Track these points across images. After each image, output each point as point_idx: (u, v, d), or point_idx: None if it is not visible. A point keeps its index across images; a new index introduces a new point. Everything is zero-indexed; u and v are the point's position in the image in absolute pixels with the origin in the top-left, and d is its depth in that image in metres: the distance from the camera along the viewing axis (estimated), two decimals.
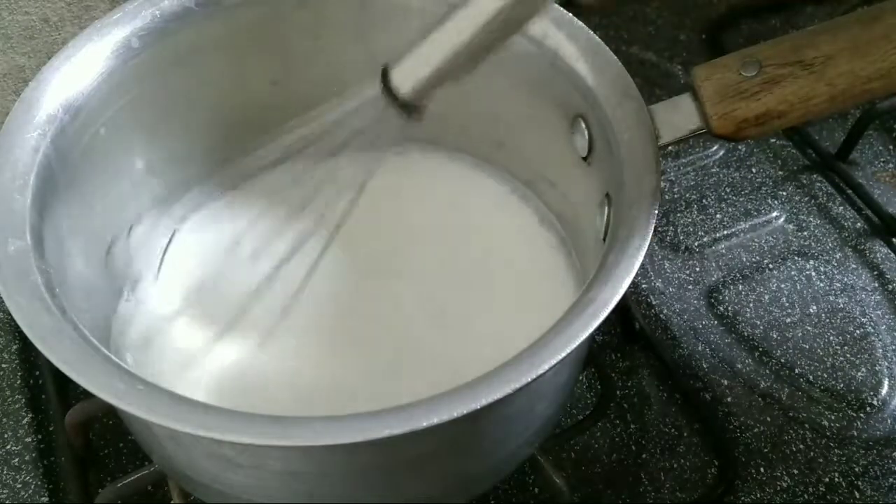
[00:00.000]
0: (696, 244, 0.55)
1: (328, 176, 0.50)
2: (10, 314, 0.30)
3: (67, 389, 0.47)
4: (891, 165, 0.60)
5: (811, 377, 0.49)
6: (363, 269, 0.46)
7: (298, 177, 0.50)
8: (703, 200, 0.58)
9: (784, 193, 0.58)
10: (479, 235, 0.47)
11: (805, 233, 0.56)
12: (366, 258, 0.46)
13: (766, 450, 0.46)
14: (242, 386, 0.41)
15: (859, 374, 0.49)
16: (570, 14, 0.40)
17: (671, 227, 0.56)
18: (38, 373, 0.48)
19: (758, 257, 0.55)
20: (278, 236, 0.47)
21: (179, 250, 0.46)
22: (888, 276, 0.53)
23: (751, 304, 0.52)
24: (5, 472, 0.44)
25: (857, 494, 0.44)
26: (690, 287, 0.53)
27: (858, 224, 0.56)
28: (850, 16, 0.35)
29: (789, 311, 0.52)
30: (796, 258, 0.54)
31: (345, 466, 0.33)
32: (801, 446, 0.46)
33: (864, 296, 0.53)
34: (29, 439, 0.46)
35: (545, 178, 0.47)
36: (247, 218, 0.48)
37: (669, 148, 0.37)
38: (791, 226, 0.56)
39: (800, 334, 0.51)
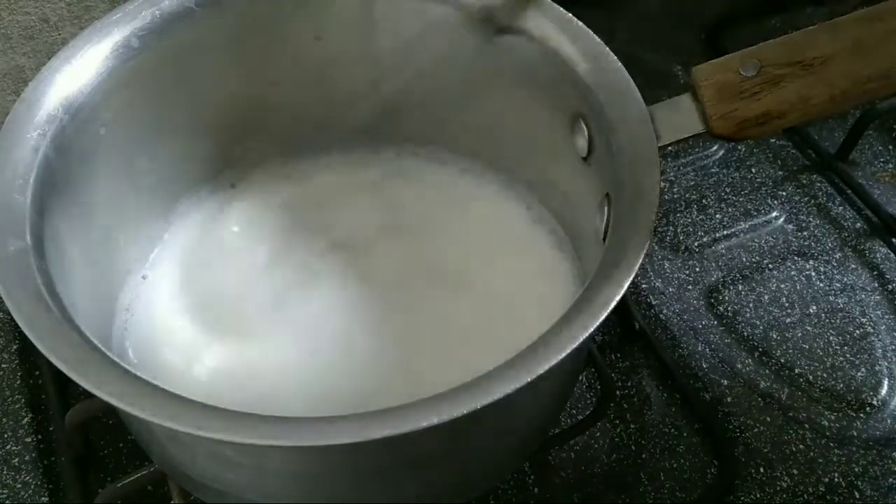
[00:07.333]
0: (696, 244, 0.55)
1: (326, 176, 0.50)
2: (10, 314, 0.30)
3: (67, 389, 0.47)
4: (891, 165, 0.60)
5: (811, 377, 0.49)
6: (362, 269, 0.46)
7: (297, 176, 0.50)
8: (703, 200, 0.58)
9: (784, 193, 0.58)
10: (479, 236, 0.47)
11: (805, 233, 0.56)
12: (363, 258, 0.46)
13: (766, 450, 0.46)
14: (242, 386, 0.41)
15: (859, 374, 0.49)
16: (571, 14, 0.40)
17: (671, 227, 0.56)
18: (38, 373, 0.48)
19: (758, 257, 0.55)
20: (278, 236, 0.47)
21: (180, 250, 0.46)
22: (888, 276, 0.53)
23: (751, 304, 0.52)
24: (5, 472, 0.44)
25: (857, 494, 0.44)
26: (690, 287, 0.53)
27: (858, 224, 0.56)
28: (850, 16, 0.35)
29: (789, 311, 0.52)
30: (796, 258, 0.54)
31: (345, 466, 0.33)
32: (801, 446, 0.46)
33: (864, 296, 0.53)
34: (29, 439, 0.46)
35: (545, 178, 0.46)
36: (247, 218, 0.48)
37: (669, 148, 0.37)
38: (791, 226, 0.56)
39: (800, 334, 0.51)
